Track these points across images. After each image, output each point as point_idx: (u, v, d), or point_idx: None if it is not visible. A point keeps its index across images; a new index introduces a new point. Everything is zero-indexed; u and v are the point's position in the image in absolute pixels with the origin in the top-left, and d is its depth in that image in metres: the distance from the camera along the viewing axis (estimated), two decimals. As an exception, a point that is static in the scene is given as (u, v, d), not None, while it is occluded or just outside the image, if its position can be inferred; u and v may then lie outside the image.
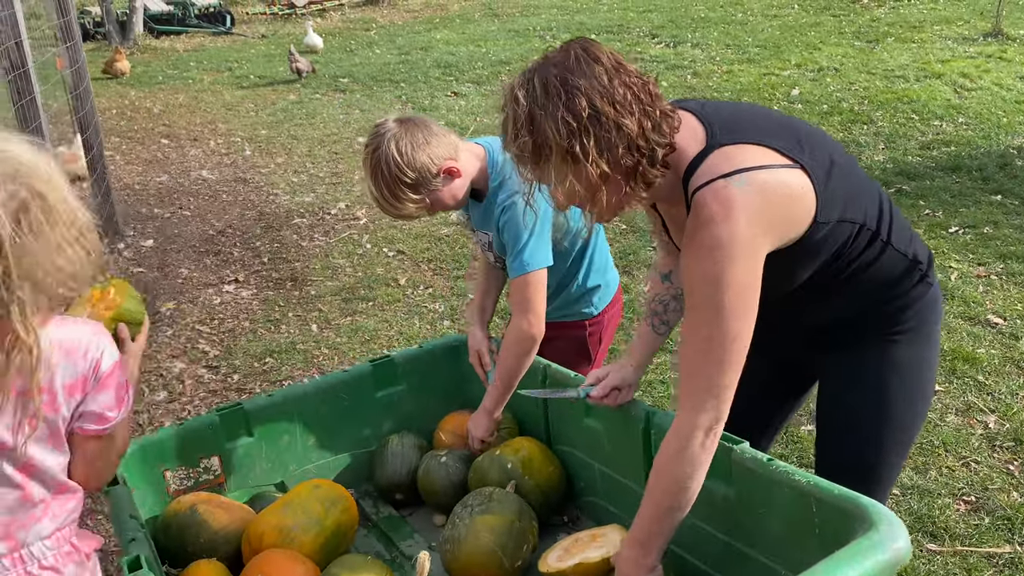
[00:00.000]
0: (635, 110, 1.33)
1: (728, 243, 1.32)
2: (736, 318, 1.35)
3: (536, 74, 1.37)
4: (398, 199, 1.89)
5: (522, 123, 1.35)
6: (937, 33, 9.60)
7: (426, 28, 12.11)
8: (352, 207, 5.40)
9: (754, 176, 1.35)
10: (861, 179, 1.50)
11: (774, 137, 1.42)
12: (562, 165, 1.34)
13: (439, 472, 2.04)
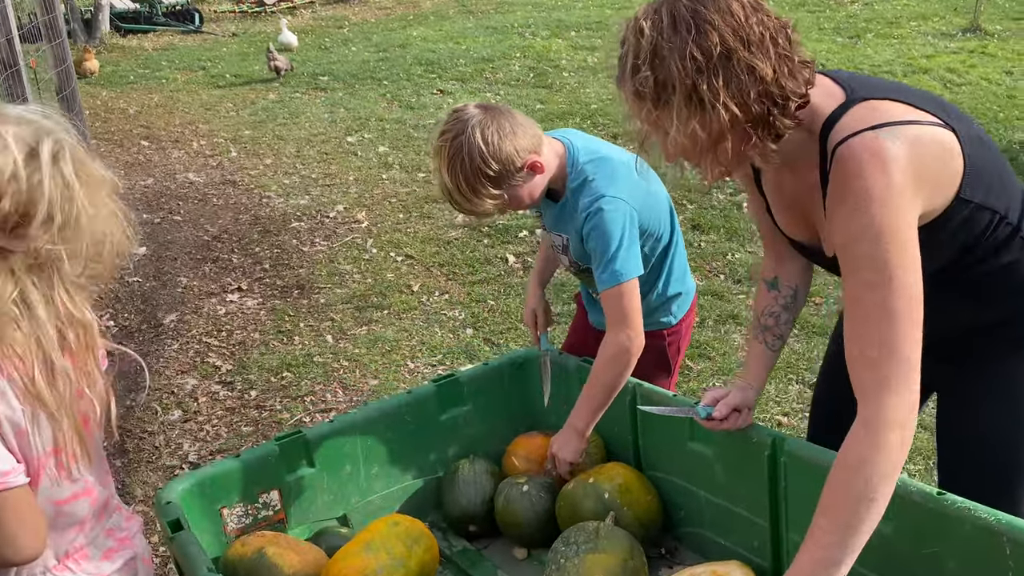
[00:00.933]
0: (771, 53, 1.20)
1: (884, 194, 1.20)
2: (907, 270, 1.20)
3: (665, 4, 1.23)
4: (476, 193, 1.74)
5: (645, 57, 1.22)
6: (915, 29, 9.65)
7: (401, 25, 11.88)
8: (351, 209, 5.20)
9: (904, 130, 1.24)
10: (1006, 168, 1.39)
11: (918, 99, 1.30)
12: (685, 106, 1.21)
13: (522, 502, 1.89)
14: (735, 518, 1.69)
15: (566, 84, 8.01)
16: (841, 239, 1.26)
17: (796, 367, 3.26)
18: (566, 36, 10.21)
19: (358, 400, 3.23)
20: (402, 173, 5.81)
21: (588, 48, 9.45)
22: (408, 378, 3.37)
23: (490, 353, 3.50)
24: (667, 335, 2.10)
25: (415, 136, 6.60)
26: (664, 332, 2.10)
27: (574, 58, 9.04)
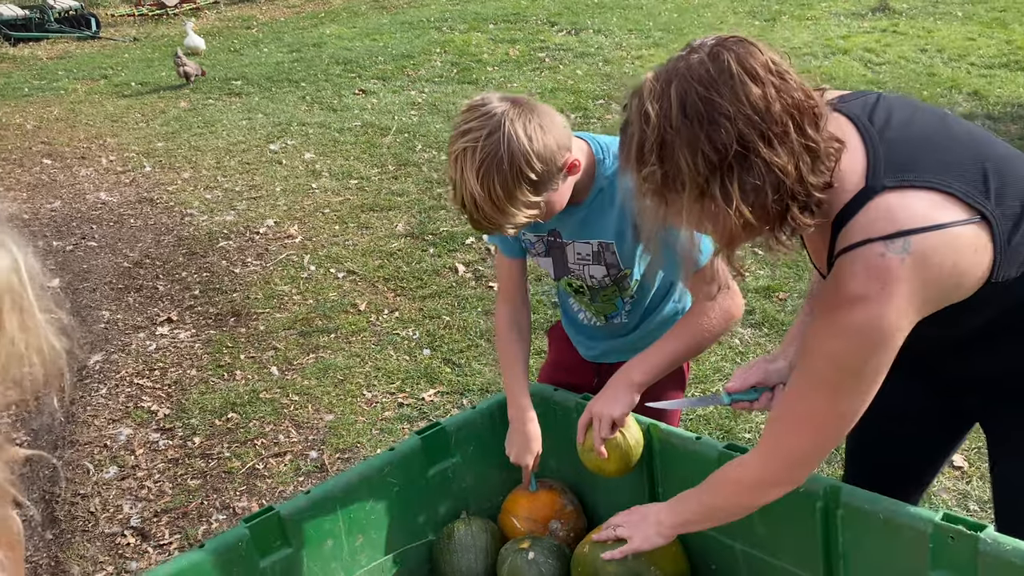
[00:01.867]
0: (794, 144, 1.06)
1: (875, 328, 1.10)
2: (852, 401, 1.19)
3: (675, 85, 1.07)
4: (513, 202, 1.44)
5: (651, 147, 1.08)
6: (827, 10, 9.77)
7: (312, 24, 11.46)
8: (282, 224, 4.88)
9: (920, 242, 1.09)
10: None
11: (954, 173, 1.14)
12: (695, 204, 1.08)
13: (529, 572, 1.67)
14: (779, 573, 1.52)
15: (492, 79, 7.79)
16: (811, 345, 1.20)
17: (773, 370, 3.14)
18: (484, 29, 9.99)
19: (314, 439, 2.97)
20: (333, 181, 5.51)
21: (509, 41, 9.25)
22: (367, 410, 3.12)
23: (452, 375, 3.28)
24: None
25: (342, 140, 6.29)
26: None
27: (496, 51, 8.83)
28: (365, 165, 5.76)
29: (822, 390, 1.19)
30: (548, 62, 8.20)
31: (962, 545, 1.24)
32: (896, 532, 1.29)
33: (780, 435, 1.28)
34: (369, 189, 5.32)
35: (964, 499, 2.44)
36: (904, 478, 1.60)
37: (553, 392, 1.92)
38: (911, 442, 1.57)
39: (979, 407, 1.44)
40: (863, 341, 1.12)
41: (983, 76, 6.56)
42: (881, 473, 1.57)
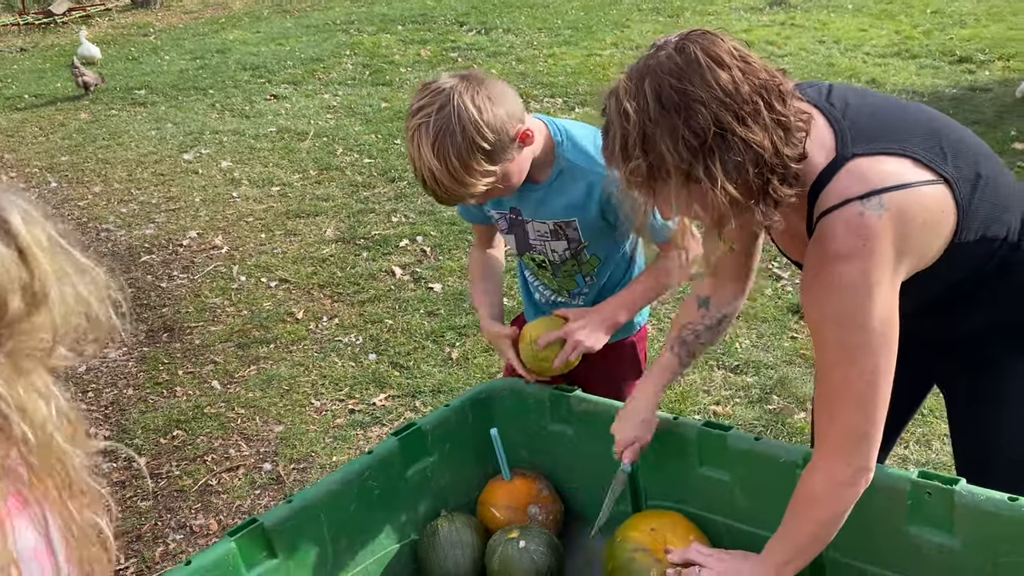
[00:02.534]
0: (766, 121, 1.13)
1: (864, 280, 1.17)
2: (877, 357, 1.21)
3: (648, 81, 1.13)
4: (470, 171, 1.50)
5: (634, 142, 1.13)
6: (726, 5, 10.10)
7: (213, 29, 11.14)
8: (206, 235, 4.75)
9: (892, 198, 1.18)
10: (1006, 189, 1.34)
11: (915, 141, 1.24)
12: (682, 189, 1.14)
13: (522, 561, 1.70)
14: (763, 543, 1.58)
15: (406, 80, 7.76)
16: (813, 316, 1.24)
17: (714, 353, 3.25)
18: (393, 31, 9.93)
19: (267, 452, 2.92)
20: (253, 189, 5.39)
21: (419, 41, 9.22)
22: (317, 418, 3.08)
23: (401, 378, 3.27)
24: (638, 337, 1.98)
25: (258, 147, 6.16)
26: (634, 335, 1.97)
27: (407, 53, 8.79)
28: (285, 171, 5.65)
29: (841, 358, 1.22)
30: (461, 62, 8.22)
31: (938, 499, 1.33)
32: (875, 492, 1.37)
33: (828, 424, 1.28)
34: (292, 195, 5.23)
35: (904, 463, 2.59)
36: None
37: (525, 385, 1.95)
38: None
39: (939, 370, 1.55)
40: (856, 293, 1.18)
41: (878, 65, 6.91)
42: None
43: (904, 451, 2.65)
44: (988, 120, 5.42)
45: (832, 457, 1.28)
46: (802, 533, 1.34)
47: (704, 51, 1.14)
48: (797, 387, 2.97)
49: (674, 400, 2.99)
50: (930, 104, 5.76)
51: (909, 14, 8.54)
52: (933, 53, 7.07)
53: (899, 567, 1.40)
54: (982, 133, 5.18)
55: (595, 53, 8.20)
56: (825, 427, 1.28)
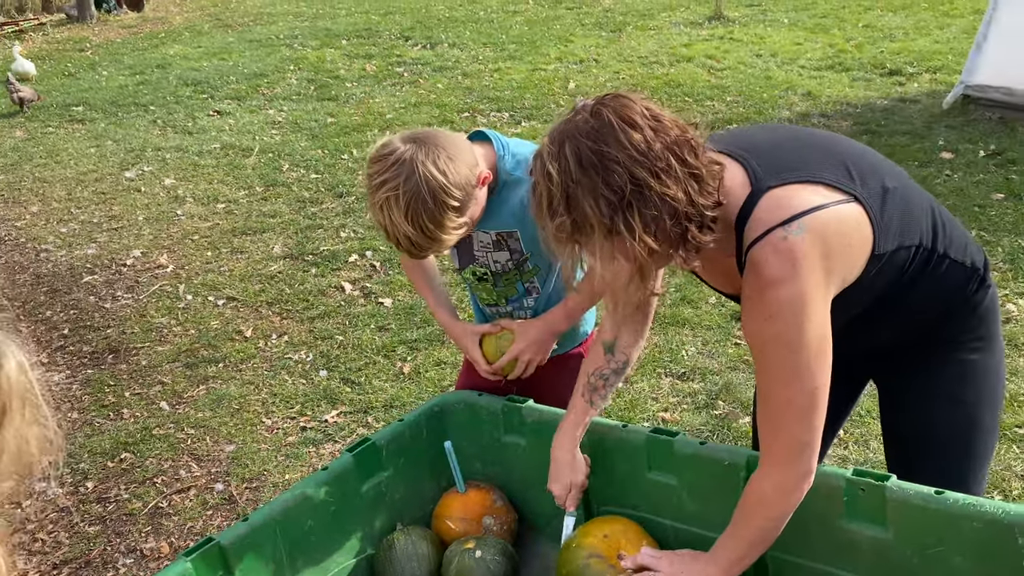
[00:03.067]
0: (679, 174, 1.22)
1: (798, 301, 1.25)
2: (815, 374, 1.30)
3: (568, 144, 1.23)
4: (443, 229, 1.59)
5: (558, 201, 1.23)
6: (667, 20, 10.32)
7: (153, 44, 10.97)
8: (150, 253, 4.69)
9: (811, 220, 1.27)
10: (914, 198, 1.43)
11: (822, 168, 1.34)
12: (605, 242, 1.23)
13: (478, 570, 1.73)
14: (709, 544, 1.63)
15: (352, 95, 7.76)
16: (755, 340, 1.32)
17: (661, 360, 3.33)
18: (338, 45, 9.91)
19: (218, 472, 2.90)
20: (198, 206, 5.33)
21: (364, 56, 9.22)
22: (268, 437, 3.07)
23: (352, 394, 3.27)
24: (585, 347, 2.03)
25: (202, 164, 6.09)
26: (582, 344, 2.02)
27: (352, 67, 8.78)
28: (231, 188, 5.61)
29: (783, 377, 1.30)
30: (407, 76, 8.24)
31: (871, 495, 1.40)
32: (813, 490, 1.43)
33: (773, 436, 1.36)
34: (238, 212, 5.19)
35: (844, 462, 2.68)
36: None
37: (478, 397, 1.98)
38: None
39: (871, 370, 1.63)
40: (793, 314, 1.26)
41: (813, 78, 7.13)
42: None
43: (844, 451, 2.75)
44: (917, 130, 5.64)
45: (779, 466, 1.36)
46: (751, 533, 1.42)
47: (617, 114, 1.23)
48: (741, 392, 3.05)
49: (624, 408, 3.06)
50: (862, 114, 5.96)
51: (842, 28, 8.83)
52: (865, 66, 7.32)
53: (836, 561, 1.47)
54: (911, 143, 5.41)
55: (540, 68, 8.30)
56: (770, 440, 1.37)
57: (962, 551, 1.33)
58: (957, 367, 1.51)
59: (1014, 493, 2.50)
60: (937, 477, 1.48)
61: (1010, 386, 2.97)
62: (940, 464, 1.54)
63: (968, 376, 1.50)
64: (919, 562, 1.38)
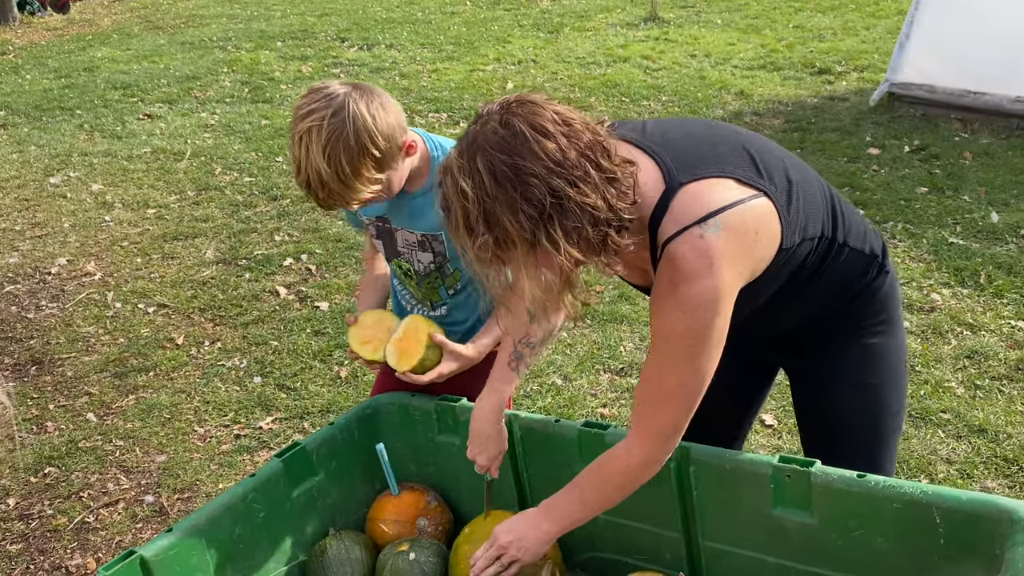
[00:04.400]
0: (596, 180, 1.21)
1: (713, 298, 1.28)
2: (710, 363, 1.34)
3: (480, 158, 1.19)
4: (359, 178, 1.54)
5: (476, 219, 1.19)
6: (604, 21, 10.41)
7: (80, 47, 10.66)
8: (76, 261, 4.54)
9: (727, 218, 1.29)
10: (815, 189, 1.47)
11: (732, 164, 1.36)
12: (529, 257, 1.21)
13: (412, 573, 1.70)
14: (642, 535, 1.65)
15: (287, 96, 7.64)
16: (663, 330, 1.34)
17: (600, 357, 3.34)
18: (273, 47, 9.76)
19: (148, 483, 2.81)
20: (128, 212, 5.19)
21: (300, 58, 9.10)
22: (201, 446, 2.99)
23: (288, 400, 3.21)
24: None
25: (132, 169, 5.93)
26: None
27: (287, 69, 8.65)
28: (161, 193, 5.47)
29: (683, 362, 1.33)
30: (344, 77, 8.11)
31: (797, 481, 1.42)
32: (742, 479, 1.45)
33: (652, 415, 1.39)
34: (169, 217, 5.06)
35: (777, 451, 2.72)
36: (724, 428, 1.80)
37: (411, 398, 1.96)
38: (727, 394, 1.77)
39: (781, 357, 1.67)
40: (706, 310, 1.28)
41: (745, 77, 7.26)
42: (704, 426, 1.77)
43: (778, 441, 2.80)
44: (846, 127, 5.78)
45: (650, 445, 1.41)
46: (598, 500, 1.48)
47: (528, 123, 1.19)
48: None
49: (563, 405, 3.06)
50: (793, 112, 6.07)
51: (774, 28, 9.01)
52: (796, 65, 7.48)
53: (766, 548, 1.49)
54: (840, 139, 5.54)
55: (478, 68, 8.29)
56: (649, 418, 1.40)
57: (883, 532, 1.35)
58: (860, 351, 1.54)
59: (939, 476, 2.57)
60: (849, 459, 1.51)
61: (934, 373, 3.06)
62: (851, 447, 1.58)
63: (872, 359, 1.54)
64: (843, 544, 1.40)
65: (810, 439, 1.66)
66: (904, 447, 2.70)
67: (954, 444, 2.71)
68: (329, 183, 1.52)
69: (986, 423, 2.77)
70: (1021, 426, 2.75)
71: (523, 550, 1.52)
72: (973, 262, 3.79)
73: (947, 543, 1.30)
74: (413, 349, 1.80)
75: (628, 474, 1.44)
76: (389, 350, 1.84)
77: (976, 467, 2.60)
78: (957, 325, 3.35)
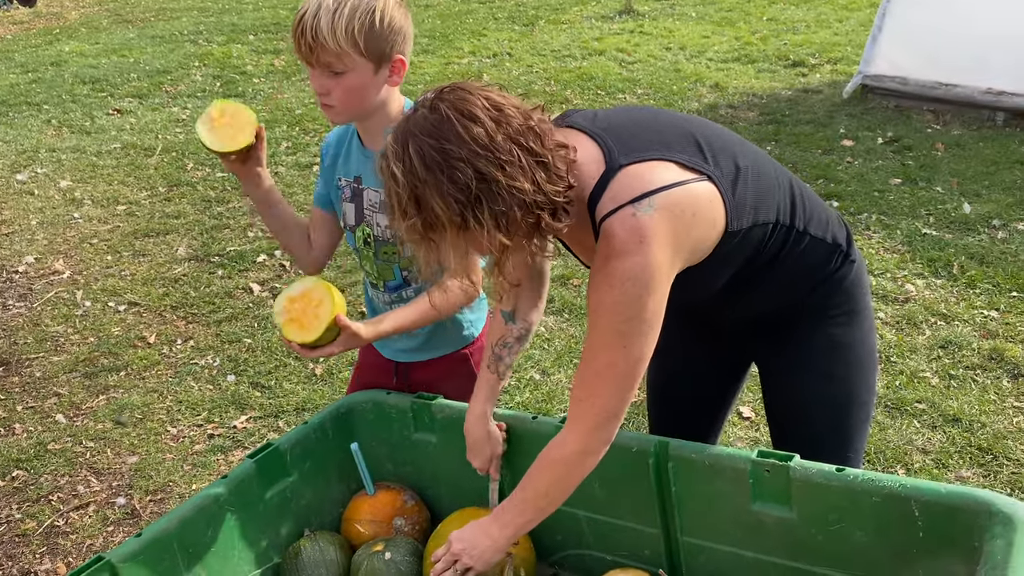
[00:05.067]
0: (525, 164, 1.22)
1: (642, 274, 1.27)
2: (642, 345, 1.32)
3: (411, 144, 1.22)
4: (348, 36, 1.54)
5: (407, 201, 1.22)
6: (579, 14, 10.39)
7: (47, 41, 10.47)
8: (44, 259, 4.46)
9: (662, 198, 1.29)
10: (769, 175, 1.46)
11: (675, 148, 1.36)
12: (458, 239, 1.24)
13: (388, 573, 1.68)
14: (621, 531, 1.63)
15: (260, 90, 7.56)
16: (594, 305, 1.33)
17: (577, 351, 3.33)
18: (244, 40, 9.65)
19: (120, 485, 2.76)
20: (97, 208, 5.10)
21: (272, 51, 9.00)
22: (174, 446, 2.94)
23: (263, 399, 3.17)
24: (472, 348, 1.96)
25: (102, 164, 5.83)
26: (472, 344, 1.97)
27: (260, 63, 8.56)
28: (132, 189, 5.39)
29: (614, 342, 1.31)
30: (317, 72, 8.06)
31: (776, 476, 1.41)
32: (720, 474, 1.44)
33: (587, 399, 1.37)
34: (140, 214, 4.99)
35: (756, 444, 2.73)
36: (699, 420, 1.80)
37: (386, 396, 1.93)
38: (701, 385, 1.78)
39: (749, 348, 1.66)
40: (634, 284, 1.27)
41: (720, 70, 7.27)
42: (678, 418, 1.78)
43: (756, 433, 2.80)
44: (820, 119, 5.81)
45: (586, 432, 1.38)
46: (546, 499, 1.45)
47: (455, 108, 1.21)
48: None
49: (541, 400, 3.04)
50: (767, 105, 6.09)
51: (748, 21, 9.04)
52: (770, 58, 7.50)
53: (745, 543, 1.48)
54: (815, 132, 5.56)
55: (453, 61, 8.24)
56: (583, 403, 1.38)
57: (862, 525, 1.35)
58: (827, 340, 1.54)
59: (915, 466, 2.58)
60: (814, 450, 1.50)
61: (908, 363, 3.08)
62: (818, 437, 1.57)
63: (839, 349, 1.54)
64: (823, 539, 1.39)
65: (777, 430, 1.66)
66: (880, 437, 2.71)
67: (929, 434, 2.72)
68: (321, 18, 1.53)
69: (960, 412, 2.79)
70: (995, 415, 2.77)
71: (474, 558, 1.50)
72: (946, 252, 3.82)
73: (926, 536, 1.29)
74: (311, 323, 1.65)
75: (566, 465, 1.41)
76: (280, 308, 1.67)
77: (951, 456, 2.61)
78: (931, 315, 3.37)
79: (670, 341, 1.79)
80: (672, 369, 1.78)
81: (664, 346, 1.78)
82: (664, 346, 1.78)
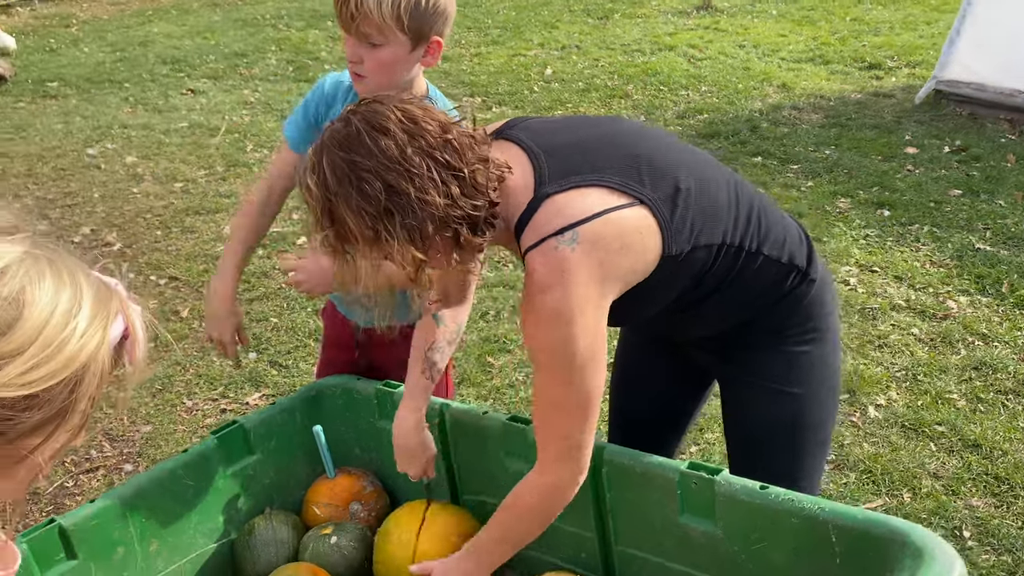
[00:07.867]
0: (437, 177, 1.19)
1: (565, 309, 1.23)
2: (586, 378, 1.29)
3: (324, 156, 1.21)
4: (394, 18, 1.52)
5: (320, 215, 1.21)
6: (656, 8, 10.22)
7: (139, 21, 10.92)
8: (100, 231, 4.65)
9: (586, 230, 1.24)
10: (716, 194, 1.38)
11: (610, 170, 1.30)
12: (372, 252, 1.22)
13: (332, 556, 1.70)
14: (560, 533, 1.60)
15: (328, 77, 7.70)
16: (528, 343, 1.31)
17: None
18: (323, 27, 9.83)
19: (130, 452, 2.86)
20: (156, 185, 5.29)
21: (347, 38, 9.15)
22: (186, 418, 3.03)
23: (278, 377, 3.24)
24: None
25: (167, 142, 6.05)
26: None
27: (334, 49, 8.71)
28: (191, 167, 5.56)
29: (555, 379, 1.29)
30: (385, 60, 8.16)
31: (703, 489, 1.36)
32: (651, 483, 1.40)
33: (548, 437, 1.35)
34: (195, 192, 5.15)
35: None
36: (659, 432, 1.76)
37: (356, 381, 1.94)
38: (662, 398, 1.74)
39: (707, 363, 1.61)
40: (559, 322, 1.24)
41: (791, 70, 7.05)
42: (639, 430, 1.73)
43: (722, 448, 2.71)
44: (887, 125, 5.57)
45: (554, 467, 1.36)
46: (518, 535, 1.44)
47: (366, 121, 1.20)
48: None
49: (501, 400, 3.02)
50: (834, 108, 5.85)
51: (829, 21, 8.73)
52: (845, 59, 7.23)
53: (674, 556, 1.43)
54: (878, 137, 5.34)
55: (520, 53, 8.23)
56: (545, 440, 1.36)
57: (782, 547, 1.29)
58: (783, 359, 1.48)
59: (923, 491, 2.46)
60: (763, 469, 1.45)
61: (936, 383, 2.93)
62: (767, 456, 1.52)
63: (794, 368, 1.47)
64: (745, 558, 1.34)
65: (731, 446, 1.61)
66: (891, 458, 2.59)
67: (945, 458, 2.59)
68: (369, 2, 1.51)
69: (982, 438, 2.64)
70: (1019, 443, 2.62)
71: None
72: (997, 269, 3.62)
73: (843, 563, 1.22)
74: None
75: (542, 499, 1.39)
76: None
77: (964, 483, 2.48)
78: (969, 335, 3.20)
79: (629, 351, 1.76)
80: (632, 375, 1.74)
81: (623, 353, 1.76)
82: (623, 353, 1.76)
